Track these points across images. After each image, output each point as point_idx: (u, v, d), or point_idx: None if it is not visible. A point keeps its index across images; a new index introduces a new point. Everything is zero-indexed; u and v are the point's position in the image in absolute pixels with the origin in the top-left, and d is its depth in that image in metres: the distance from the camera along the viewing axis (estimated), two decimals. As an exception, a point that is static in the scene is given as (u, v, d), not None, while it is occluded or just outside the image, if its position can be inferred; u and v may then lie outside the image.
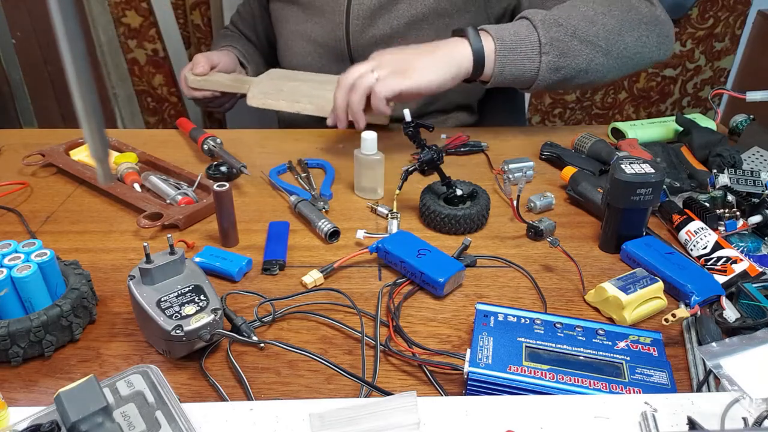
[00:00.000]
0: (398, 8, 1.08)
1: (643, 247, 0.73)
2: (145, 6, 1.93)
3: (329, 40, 1.15)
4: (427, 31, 1.10)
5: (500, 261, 0.76)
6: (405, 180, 0.82)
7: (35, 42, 1.95)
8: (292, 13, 1.18)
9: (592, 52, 0.92)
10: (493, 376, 0.54)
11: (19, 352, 0.58)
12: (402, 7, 1.08)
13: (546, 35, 0.89)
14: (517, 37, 0.90)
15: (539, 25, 0.90)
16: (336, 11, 1.11)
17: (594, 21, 0.92)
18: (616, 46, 0.93)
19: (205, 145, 0.97)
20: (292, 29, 1.19)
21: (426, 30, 1.10)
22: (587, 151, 0.97)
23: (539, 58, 0.90)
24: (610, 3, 0.94)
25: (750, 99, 0.96)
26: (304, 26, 1.17)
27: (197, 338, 0.57)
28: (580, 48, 0.91)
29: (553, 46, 0.90)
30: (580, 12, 0.92)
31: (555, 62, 0.91)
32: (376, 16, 1.09)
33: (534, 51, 0.90)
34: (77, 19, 0.36)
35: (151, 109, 2.14)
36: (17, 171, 0.96)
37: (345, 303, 0.68)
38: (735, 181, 0.84)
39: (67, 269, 0.65)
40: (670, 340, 0.63)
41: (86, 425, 0.43)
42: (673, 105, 2.24)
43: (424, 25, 1.10)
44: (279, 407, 0.50)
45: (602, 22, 0.92)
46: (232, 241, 0.78)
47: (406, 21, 1.09)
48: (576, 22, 0.91)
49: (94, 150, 0.41)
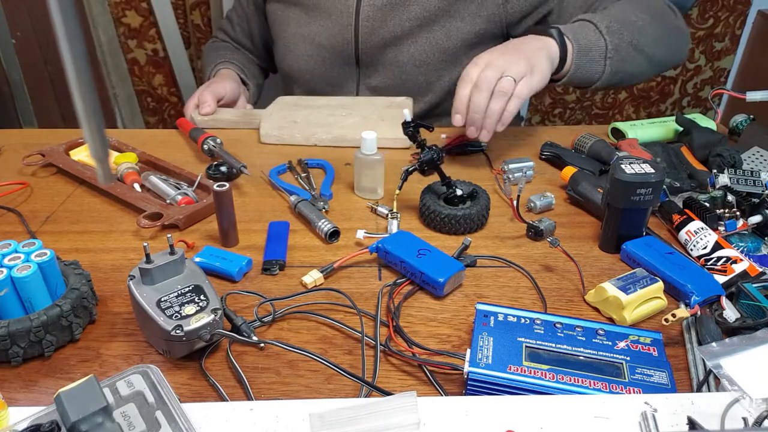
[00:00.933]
0: (409, 9, 1.07)
1: (643, 247, 0.73)
2: (145, 6, 1.93)
3: (336, 43, 1.13)
4: (437, 32, 1.10)
5: (500, 261, 0.76)
6: (405, 180, 0.82)
7: (35, 42, 1.95)
8: (294, 15, 1.16)
9: (642, 60, 1.00)
10: (493, 376, 0.54)
11: (19, 352, 0.58)
12: (414, 8, 1.07)
13: (612, 42, 0.96)
14: (589, 41, 0.95)
15: (605, 31, 0.96)
16: (344, 13, 1.10)
17: (643, 31, 0.99)
18: (657, 55, 1.02)
19: (205, 145, 0.97)
20: (294, 32, 1.16)
21: (437, 31, 1.09)
22: (587, 151, 0.97)
23: (605, 62, 0.97)
24: (653, 13, 1.01)
25: (750, 99, 0.96)
26: (307, 28, 1.14)
27: (197, 338, 0.57)
28: (634, 55, 0.99)
29: (616, 52, 0.97)
30: (632, 21, 0.98)
31: (616, 67, 0.98)
32: (387, 17, 1.08)
33: (602, 56, 0.96)
34: (77, 19, 0.36)
35: (151, 109, 2.14)
36: (17, 171, 0.96)
37: (345, 303, 0.68)
38: (735, 181, 0.84)
39: (67, 269, 0.65)
40: (670, 340, 0.63)
41: (86, 425, 0.43)
42: (673, 105, 2.24)
43: (435, 27, 1.09)
44: (279, 407, 0.50)
45: (649, 32, 0.99)
46: (232, 241, 0.78)
47: (418, 22, 1.08)
48: (632, 30, 0.98)
49: (94, 150, 0.41)
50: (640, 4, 1.03)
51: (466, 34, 1.11)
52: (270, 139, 1.04)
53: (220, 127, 1.09)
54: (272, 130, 1.04)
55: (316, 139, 1.03)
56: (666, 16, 1.05)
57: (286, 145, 1.04)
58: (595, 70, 0.98)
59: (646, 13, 1.01)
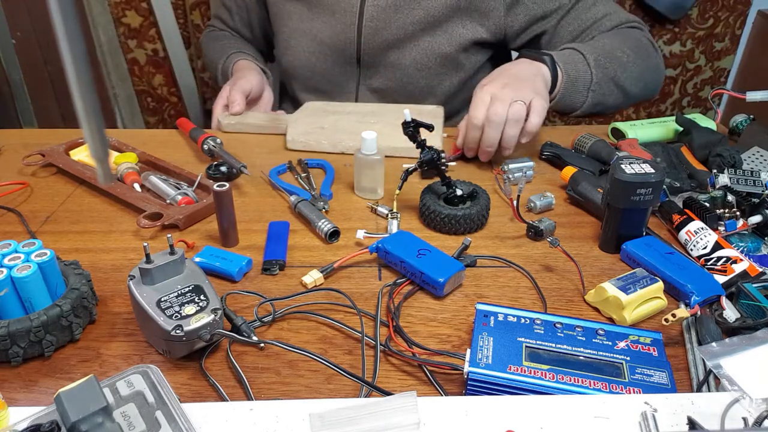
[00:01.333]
0: (413, 12, 1.07)
1: (643, 247, 0.73)
2: (145, 6, 1.93)
3: (338, 42, 1.12)
4: (440, 36, 1.10)
5: (500, 261, 0.76)
6: (405, 180, 0.82)
7: (35, 42, 1.95)
8: (296, 10, 1.14)
9: (620, 94, 1.05)
10: (493, 376, 0.54)
11: (19, 352, 0.58)
12: (417, 12, 1.07)
13: (597, 75, 1.00)
14: (577, 72, 0.99)
15: (593, 65, 1.00)
16: (348, 11, 1.09)
17: (626, 68, 1.03)
18: (633, 91, 1.06)
19: (205, 145, 0.97)
20: (295, 27, 1.15)
21: (439, 36, 1.10)
22: (587, 151, 0.97)
23: (587, 94, 1.01)
24: (637, 50, 1.05)
25: (750, 99, 0.96)
26: (309, 24, 1.13)
27: (197, 338, 0.57)
28: (614, 89, 1.03)
29: (599, 86, 1.01)
30: (617, 57, 1.02)
31: (596, 99, 1.02)
32: (391, 19, 1.08)
33: (586, 88, 1.00)
34: (77, 19, 0.36)
35: (151, 109, 2.14)
36: (17, 171, 0.96)
37: (345, 303, 0.68)
38: (735, 181, 0.84)
39: (67, 269, 0.65)
40: (670, 340, 0.63)
41: (86, 425, 0.43)
42: (673, 105, 2.24)
43: (437, 31, 1.09)
44: (279, 407, 0.50)
45: (631, 70, 1.03)
46: (232, 241, 0.78)
47: (421, 26, 1.08)
48: (616, 66, 1.02)
49: (94, 150, 0.41)
50: (627, 40, 1.06)
51: (467, 41, 1.11)
52: (296, 145, 1.02)
53: (246, 132, 1.08)
54: (299, 136, 1.02)
55: (343, 146, 1.01)
56: (648, 53, 1.08)
57: (312, 152, 1.02)
58: (577, 100, 1.01)
59: (632, 50, 1.04)
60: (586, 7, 1.09)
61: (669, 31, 2.03)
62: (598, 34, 1.08)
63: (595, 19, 1.08)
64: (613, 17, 1.09)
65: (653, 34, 2.02)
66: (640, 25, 1.11)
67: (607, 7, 1.09)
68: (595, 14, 1.08)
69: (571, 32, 1.09)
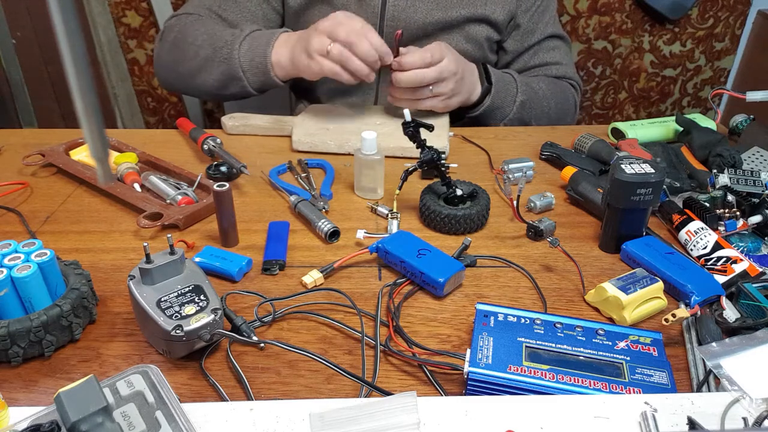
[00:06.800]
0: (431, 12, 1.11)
1: (643, 247, 0.73)
2: (145, 6, 1.93)
3: None
4: (457, 35, 1.14)
5: (500, 261, 0.76)
6: (405, 180, 0.82)
7: (35, 42, 1.95)
8: (320, 12, 1.11)
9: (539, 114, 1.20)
10: (493, 376, 0.54)
11: (19, 352, 0.58)
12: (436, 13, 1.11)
13: (515, 113, 1.15)
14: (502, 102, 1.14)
15: (518, 105, 1.15)
16: (369, 12, 1.11)
17: (542, 114, 1.20)
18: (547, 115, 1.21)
19: (205, 145, 0.97)
20: None
21: (457, 34, 1.14)
22: (587, 151, 0.97)
23: (499, 123, 1.17)
24: (555, 92, 1.21)
25: (750, 99, 0.96)
26: None
27: (197, 338, 0.57)
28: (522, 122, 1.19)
29: (511, 121, 1.17)
30: (543, 106, 1.19)
31: (506, 122, 1.17)
32: (411, 19, 1.11)
33: (502, 117, 1.16)
34: (77, 19, 0.36)
35: (151, 109, 2.14)
36: (17, 171, 0.96)
37: (345, 303, 0.68)
38: (735, 181, 0.84)
39: (67, 269, 0.65)
40: (670, 340, 0.63)
41: (86, 425, 0.43)
42: (673, 105, 2.24)
43: (455, 30, 1.14)
44: (279, 407, 0.50)
45: (547, 116, 1.20)
46: (232, 241, 0.78)
47: (440, 25, 1.12)
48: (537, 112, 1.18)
49: (94, 150, 0.41)
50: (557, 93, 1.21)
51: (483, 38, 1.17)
52: (301, 146, 1.02)
53: (250, 134, 1.08)
54: (304, 137, 1.02)
55: (349, 147, 1.00)
56: (567, 109, 1.24)
57: (319, 153, 1.01)
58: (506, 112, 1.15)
59: (555, 103, 1.20)
60: (548, 48, 1.23)
61: (669, 31, 2.03)
62: (542, 75, 1.23)
63: (547, 62, 1.23)
64: (560, 68, 1.24)
65: (653, 34, 2.03)
66: (577, 85, 1.28)
67: (562, 57, 1.25)
68: (550, 58, 1.23)
69: (525, 61, 1.23)
